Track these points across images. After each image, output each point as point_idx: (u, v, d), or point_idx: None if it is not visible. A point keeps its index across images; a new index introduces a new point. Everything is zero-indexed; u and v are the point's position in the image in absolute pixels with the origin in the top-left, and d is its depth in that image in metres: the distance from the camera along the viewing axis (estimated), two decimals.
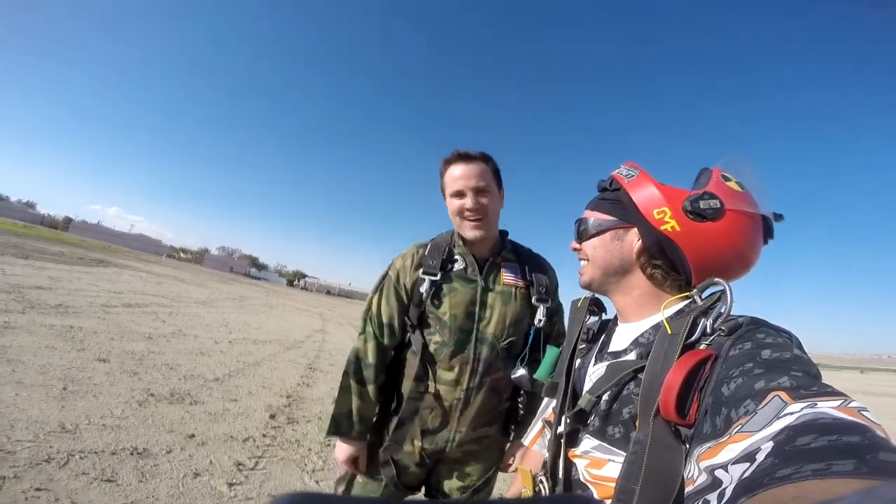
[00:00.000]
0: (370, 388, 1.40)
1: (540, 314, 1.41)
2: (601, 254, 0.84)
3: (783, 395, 0.45)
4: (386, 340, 1.44)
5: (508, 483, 1.10)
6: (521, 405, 1.45)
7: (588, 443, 0.74)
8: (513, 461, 1.46)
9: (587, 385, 0.81)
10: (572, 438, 0.78)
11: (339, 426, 1.37)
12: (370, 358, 1.42)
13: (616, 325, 0.87)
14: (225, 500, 2.39)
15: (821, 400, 0.43)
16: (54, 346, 4.53)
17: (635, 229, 0.79)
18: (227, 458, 2.91)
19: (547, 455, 0.86)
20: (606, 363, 0.79)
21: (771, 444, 0.40)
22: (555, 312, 1.50)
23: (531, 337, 1.40)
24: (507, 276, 1.44)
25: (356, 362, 1.42)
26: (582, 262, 0.89)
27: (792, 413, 0.42)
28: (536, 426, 1.07)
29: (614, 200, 0.83)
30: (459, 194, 1.37)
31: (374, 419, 1.46)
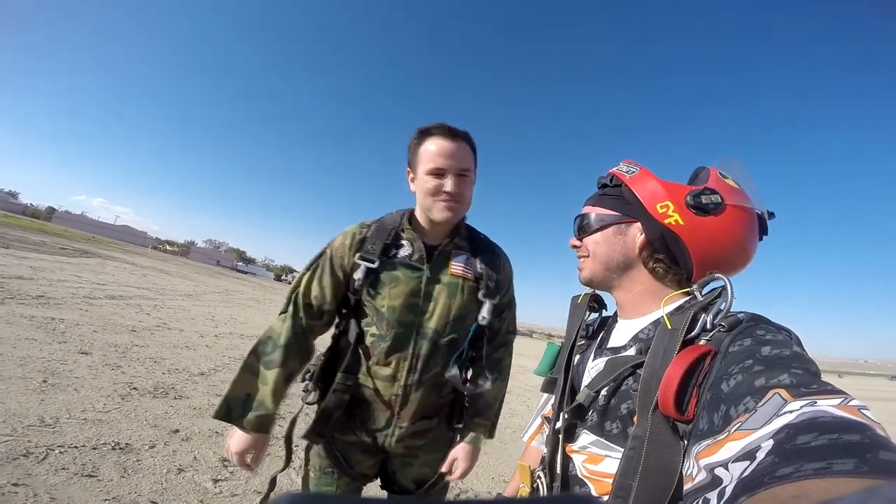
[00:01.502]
0: (274, 372, 1.23)
1: (485, 311, 1.32)
2: (603, 249, 0.83)
3: (783, 392, 0.45)
4: (306, 322, 1.31)
5: (486, 479, 1.09)
6: (466, 401, 1.40)
7: (585, 438, 0.74)
8: (455, 463, 1.36)
9: (586, 380, 0.81)
10: (570, 434, 0.78)
11: (230, 410, 1.19)
12: (282, 339, 1.27)
13: (616, 321, 0.87)
14: (210, 497, 2.35)
15: (821, 398, 0.42)
16: (34, 338, 4.42)
17: (638, 224, 0.80)
18: (212, 453, 2.86)
19: (545, 451, 0.86)
20: (606, 359, 0.79)
21: (771, 442, 0.40)
22: (506, 307, 1.43)
23: (471, 334, 1.32)
24: (455, 266, 1.33)
25: (266, 342, 1.27)
26: (581, 259, 0.89)
27: (792, 411, 0.42)
28: (535, 422, 1.06)
29: (616, 196, 0.83)
30: (440, 173, 1.24)
31: (276, 411, 1.27)
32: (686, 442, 0.56)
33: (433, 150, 1.24)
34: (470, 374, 1.38)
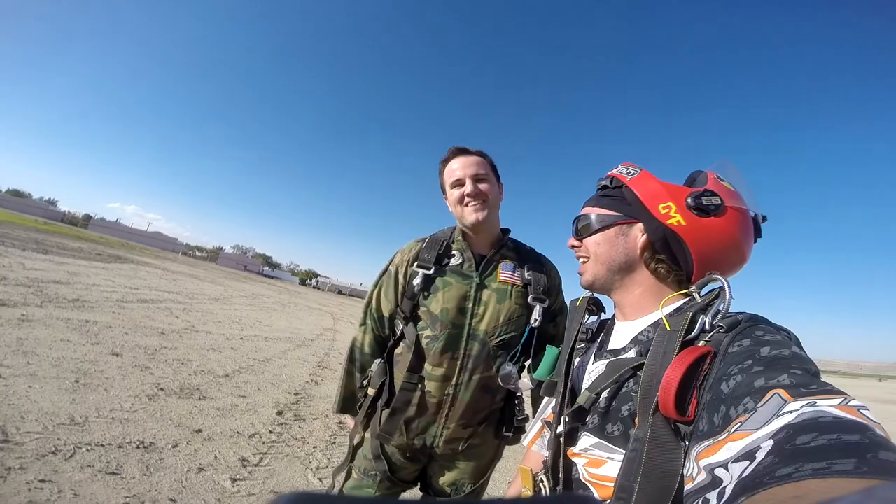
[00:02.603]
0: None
1: (536, 314, 1.38)
2: (605, 250, 0.83)
3: (783, 392, 0.45)
4: (383, 333, 1.52)
5: (501, 484, 1.10)
6: (517, 406, 1.43)
7: (587, 440, 0.74)
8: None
9: (586, 383, 0.81)
10: (571, 437, 0.78)
11: (346, 406, 1.53)
12: (367, 348, 1.52)
13: (615, 323, 0.87)
14: (227, 496, 2.39)
15: (820, 398, 0.42)
16: (69, 340, 4.60)
17: (640, 224, 0.80)
18: (233, 453, 2.92)
19: (547, 455, 0.86)
20: (606, 361, 0.79)
21: (771, 442, 0.40)
22: (558, 313, 1.48)
23: (524, 336, 1.38)
24: (503, 274, 1.42)
25: (356, 350, 1.53)
26: (581, 260, 0.90)
27: (791, 411, 0.42)
28: (536, 426, 1.06)
29: (617, 197, 0.84)
30: (459, 183, 1.39)
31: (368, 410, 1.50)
32: (687, 443, 0.56)
33: (452, 167, 1.41)
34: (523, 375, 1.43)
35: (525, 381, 1.33)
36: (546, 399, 1.01)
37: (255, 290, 23.57)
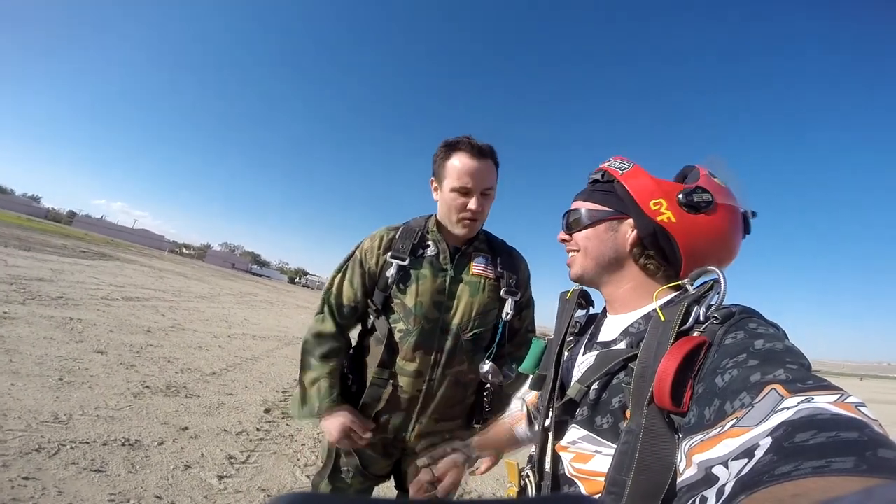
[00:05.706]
0: (330, 363, 1.36)
1: (508, 307, 1.38)
2: (594, 245, 0.82)
3: (779, 388, 0.44)
4: (343, 321, 1.42)
5: (476, 479, 1.12)
6: (486, 400, 1.42)
7: (574, 433, 0.73)
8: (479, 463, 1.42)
9: (576, 375, 0.80)
10: (559, 430, 0.77)
11: (312, 408, 1.31)
12: (325, 334, 1.39)
13: (605, 316, 0.87)
14: (214, 493, 2.38)
15: (817, 394, 0.42)
16: (53, 337, 4.53)
17: (630, 220, 0.79)
18: (220, 451, 2.91)
19: (534, 449, 0.85)
20: (596, 353, 0.78)
21: (769, 440, 0.39)
22: (525, 306, 1.48)
23: (500, 331, 1.38)
24: (476, 267, 1.40)
25: (315, 339, 1.39)
26: (570, 254, 0.88)
27: (789, 408, 0.41)
28: (516, 405, 1.07)
29: (608, 191, 0.82)
30: (466, 192, 1.31)
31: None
32: (680, 435, 0.55)
33: (458, 166, 1.29)
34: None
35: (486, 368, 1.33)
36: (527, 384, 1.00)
37: (243, 289, 23.33)
